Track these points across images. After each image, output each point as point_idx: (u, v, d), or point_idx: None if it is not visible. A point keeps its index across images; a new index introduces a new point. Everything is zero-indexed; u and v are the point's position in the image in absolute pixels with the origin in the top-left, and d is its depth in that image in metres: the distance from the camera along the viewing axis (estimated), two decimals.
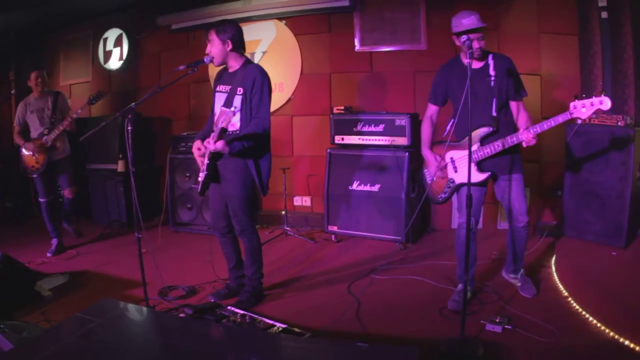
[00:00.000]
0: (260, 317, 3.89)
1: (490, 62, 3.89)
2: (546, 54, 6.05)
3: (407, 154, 5.71)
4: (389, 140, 5.86)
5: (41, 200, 6.05)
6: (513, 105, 3.96)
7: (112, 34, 8.39)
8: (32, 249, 6.05)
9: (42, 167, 5.84)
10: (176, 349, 2.91)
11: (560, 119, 3.60)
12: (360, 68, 6.76)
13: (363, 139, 6.01)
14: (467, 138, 3.66)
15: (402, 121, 5.77)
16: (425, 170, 4.28)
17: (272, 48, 7.08)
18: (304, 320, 3.96)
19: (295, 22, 7.00)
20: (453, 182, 4.10)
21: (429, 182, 4.24)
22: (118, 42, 8.31)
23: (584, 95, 3.54)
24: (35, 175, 5.94)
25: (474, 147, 3.89)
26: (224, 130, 3.94)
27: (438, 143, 4.23)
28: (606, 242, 4.94)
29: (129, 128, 3.82)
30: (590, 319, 3.73)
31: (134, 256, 5.66)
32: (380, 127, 5.90)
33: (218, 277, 4.90)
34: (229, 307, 4.09)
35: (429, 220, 6.48)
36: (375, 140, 5.94)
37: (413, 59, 6.52)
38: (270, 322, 3.80)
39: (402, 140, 5.78)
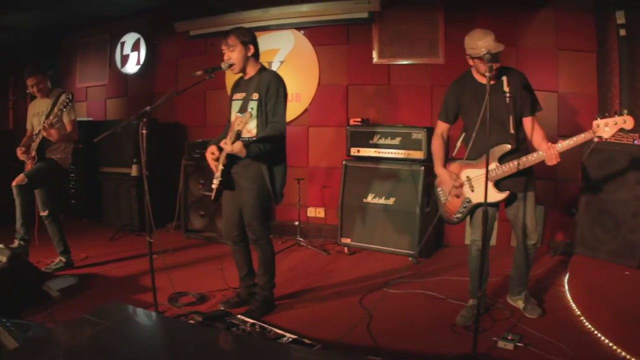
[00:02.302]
0: (270, 327, 3.86)
1: (504, 78, 3.80)
2: (564, 71, 6.04)
3: (423, 167, 5.69)
4: (405, 154, 5.84)
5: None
6: (527, 121, 3.87)
7: (129, 38, 8.47)
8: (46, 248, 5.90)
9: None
10: (183, 356, 2.87)
11: (583, 137, 3.54)
12: (378, 80, 6.78)
13: (379, 152, 6.00)
14: (484, 156, 3.62)
15: (419, 135, 5.75)
16: (439, 189, 4.14)
17: (290, 58, 7.11)
18: (314, 332, 3.93)
19: (314, 32, 7.03)
20: (469, 202, 3.98)
21: (443, 201, 4.12)
22: (135, 47, 8.39)
23: (607, 115, 3.49)
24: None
25: (493, 166, 3.79)
26: (240, 133, 3.92)
27: (452, 161, 4.10)
28: (620, 261, 4.91)
29: (144, 132, 3.84)
30: (602, 338, 3.69)
31: (144, 261, 5.72)
32: (397, 140, 5.88)
33: (229, 286, 4.87)
34: (238, 316, 4.05)
35: (442, 236, 6.45)
36: (391, 153, 5.92)
37: (431, 73, 6.53)
38: (280, 332, 3.78)
39: (418, 154, 5.76)
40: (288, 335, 3.73)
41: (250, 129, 4.12)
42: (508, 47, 5.35)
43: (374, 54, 6.74)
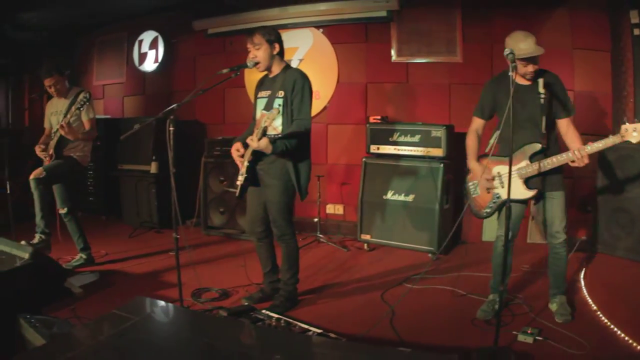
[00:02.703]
0: (295, 322, 3.91)
1: (540, 79, 3.86)
2: (579, 70, 6.08)
3: (442, 165, 5.74)
4: (424, 151, 5.88)
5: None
6: (562, 123, 3.92)
7: (147, 36, 8.52)
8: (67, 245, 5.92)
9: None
10: (215, 348, 2.89)
11: (612, 141, 3.57)
12: (396, 79, 6.82)
13: (398, 149, 6.05)
14: (515, 154, 3.77)
15: (438, 132, 5.80)
16: (471, 183, 4.22)
17: (309, 56, 7.15)
18: (338, 326, 3.97)
19: (333, 31, 7.07)
20: (499, 197, 4.03)
21: (474, 195, 4.19)
22: (153, 45, 8.44)
23: (635, 120, 3.52)
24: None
25: (523, 164, 3.87)
26: (266, 129, 3.97)
27: (484, 157, 4.15)
28: (635, 258, 4.97)
29: (171, 129, 3.90)
30: (619, 332, 3.74)
31: (164, 257, 5.79)
32: (416, 138, 5.93)
33: (251, 282, 4.92)
34: (263, 311, 4.10)
35: (460, 233, 6.48)
36: (411, 150, 5.97)
37: (449, 71, 6.57)
38: (306, 326, 3.82)
39: (438, 152, 5.81)
40: (313, 329, 3.78)
41: (276, 126, 4.17)
42: None
43: (393, 52, 6.78)
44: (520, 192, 3.89)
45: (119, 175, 7.72)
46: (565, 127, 3.92)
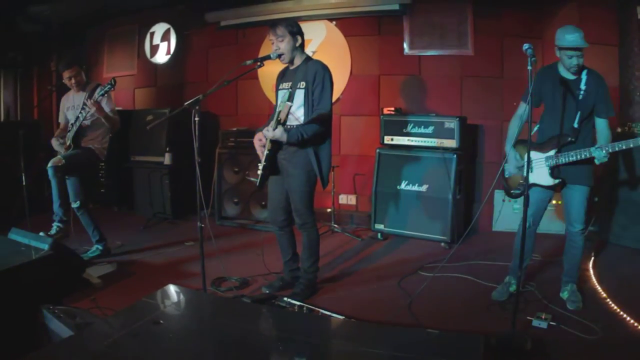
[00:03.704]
0: (317, 308, 4.00)
1: (584, 76, 3.95)
2: (587, 64, 6.02)
3: (455, 156, 5.82)
4: (437, 142, 5.96)
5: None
6: (600, 122, 3.98)
7: (159, 28, 8.54)
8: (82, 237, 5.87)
9: None
10: (246, 333, 2.96)
11: (632, 143, 3.63)
12: (409, 71, 6.89)
13: (412, 140, 6.12)
14: (548, 141, 4.03)
15: (451, 124, 5.89)
16: (505, 165, 4.35)
17: (322, 48, 7.19)
18: (358, 313, 4.06)
19: (346, 23, 7.13)
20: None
21: (507, 176, 4.36)
22: (165, 37, 8.46)
23: None
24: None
25: (552, 153, 4.02)
26: (280, 120, 4.05)
27: (523, 142, 4.27)
28: None
29: (196, 119, 3.97)
30: (628, 319, 3.85)
31: (180, 248, 5.84)
32: (430, 129, 6.01)
33: (269, 270, 4.97)
34: (285, 299, 4.17)
35: (471, 222, 6.54)
36: (424, 141, 6.05)
37: (460, 64, 6.66)
38: (328, 313, 3.90)
39: (451, 143, 5.89)
40: (335, 316, 3.85)
41: (298, 116, 4.24)
42: (534, 40, 5.53)
43: (405, 45, 6.85)
44: (545, 179, 4.07)
45: (132, 167, 7.74)
46: (602, 127, 3.99)
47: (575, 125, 3.96)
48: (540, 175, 4.08)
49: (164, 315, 3.10)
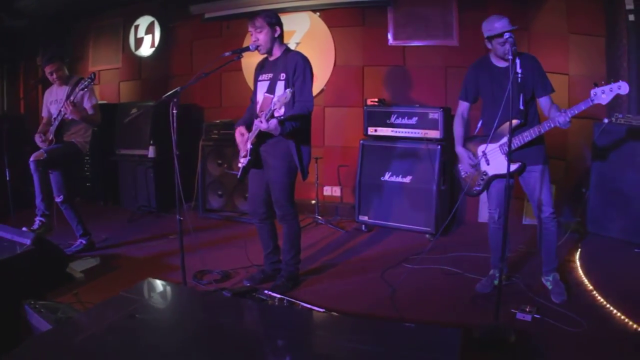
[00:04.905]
0: (297, 301, 3.98)
1: (517, 61, 3.91)
2: (574, 54, 6.12)
3: (439, 146, 5.79)
4: (421, 133, 5.92)
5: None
6: (543, 100, 4.03)
7: (143, 21, 8.48)
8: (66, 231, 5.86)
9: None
10: (224, 327, 2.94)
11: (583, 105, 3.68)
12: (393, 62, 6.85)
13: (396, 131, 6.08)
14: (494, 132, 4.02)
15: (435, 115, 5.84)
16: (460, 166, 4.36)
17: (306, 39, 7.15)
18: (339, 305, 4.04)
19: (330, 14, 7.09)
20: (486, 174, 4.18)
21: (463, 176, 4.34)
22: (150, 30, 8.41)
23: (603, 82, 3.63)
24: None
25: (504, 140, 3.99)
26: (273, 112, 3.99)
27: (470, 139, 4.32)
28: (629, 239, 5.05)
29: (174, 111, 3.92)
30: (615, 311, 3.82)
31: (164, 241, 5.81)
32: (413, 120, 5.97)
33: (251, 263, 4.95)
34: (265, 291, 4.15)
35: (457, 213, 6.55)
36: (408, 132, 6.01)
37: (445, 55, 6.62)
38: (308, 306, 3.88)
39: (435, 133, 5.85)
40: (316, 308, 3.82)
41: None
42: (520, 31, 5.51)
43: (389, 36, 6.82)
44: (504, 166, 3.96)
45: (117, 160, 7.70)
46: (546, 104, 4.04)
47: (522, 107, 3.99)
48: (499, 164, 4.08)
49: (141, 309, 3.03)
